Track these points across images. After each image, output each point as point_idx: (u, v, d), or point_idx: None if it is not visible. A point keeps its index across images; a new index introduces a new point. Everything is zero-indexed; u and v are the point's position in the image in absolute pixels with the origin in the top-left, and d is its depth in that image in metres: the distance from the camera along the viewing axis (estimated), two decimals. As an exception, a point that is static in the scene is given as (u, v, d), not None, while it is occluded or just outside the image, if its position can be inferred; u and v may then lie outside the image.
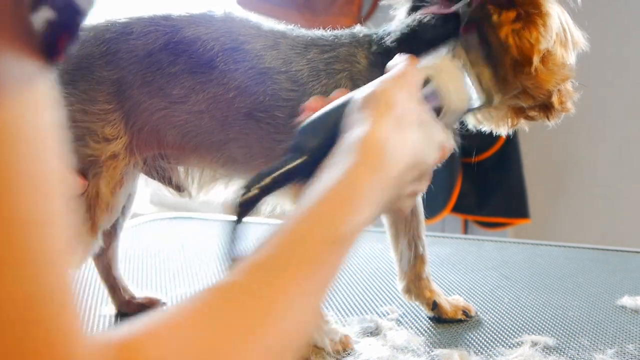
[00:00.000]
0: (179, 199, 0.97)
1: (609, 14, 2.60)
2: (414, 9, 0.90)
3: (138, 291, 1.05)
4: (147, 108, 0.87)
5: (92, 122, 0.86)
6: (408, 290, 1.01)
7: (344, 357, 0.87)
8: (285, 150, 0.69)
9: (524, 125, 0.95)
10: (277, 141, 0.88)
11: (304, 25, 0.94)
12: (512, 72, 0.84)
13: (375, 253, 1.33)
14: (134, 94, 0.86)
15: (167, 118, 0.87)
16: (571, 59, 0.89)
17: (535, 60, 0.83)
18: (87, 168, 0.86)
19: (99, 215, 0.87)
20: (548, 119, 0.92)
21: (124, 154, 0.87)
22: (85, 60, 0.86)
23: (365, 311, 1.02)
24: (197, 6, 0.90)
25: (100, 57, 0.86)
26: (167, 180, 0.94)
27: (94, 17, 0.89)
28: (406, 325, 0.98)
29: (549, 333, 0.94)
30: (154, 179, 0.94)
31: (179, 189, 0.95)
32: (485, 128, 0.96)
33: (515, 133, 0.98)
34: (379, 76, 0.87)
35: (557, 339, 0.92)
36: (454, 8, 0.85)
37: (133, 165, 0.89)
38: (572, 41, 0.88)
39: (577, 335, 0.94)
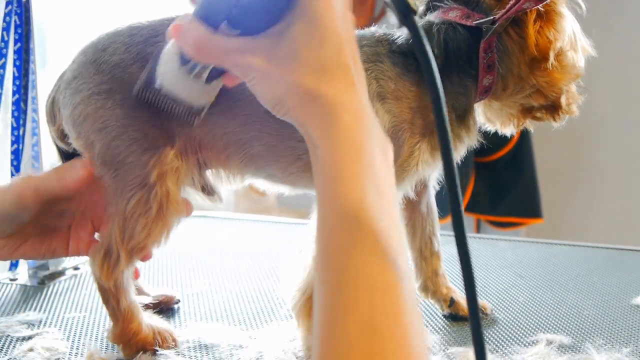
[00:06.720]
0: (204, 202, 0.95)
1: (625, 19, 2.59)
2: (431, 8, 0.91)
3: (154, 289, 1.05)
4: None
5: (141, 126, 0.83)
6: (425, 288, 1.02)
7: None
8: None
9: (528, 125, 0.97)
10: (299, 140, 0.87)
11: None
12: (529, 69, 0.89)
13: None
14: None
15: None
16: (580, 62, 0.92)
17: (551, 55, 0.87)
18: (149, 170, 0.83)
19: (172, 214, 0.84)
20: (554, 119, 0.95)
21: (178, 155, 0.84)
22: (118, 68, 0.83)
23: (380, 309, 1.03)
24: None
25: (133, 62, 0.84)
26: (202, 184, 0.92)
27: (113, 24, 0.88)
28: (421, 323, 0.98)
29: (564, 332, 0.95)
30: (192, 185, 0.91)
31: (211, 193, 0.93)
32: (490, 128, 0.98)
33: (528, 133, 1.00)
34: (401, 75, 0.87)
35: (572, 337, 0.93)
36: (475, 23, 0.87)
37: (187, 169, 0.86)
38: (580, 46, 0.93)
39: (592, 334, 0.94)
